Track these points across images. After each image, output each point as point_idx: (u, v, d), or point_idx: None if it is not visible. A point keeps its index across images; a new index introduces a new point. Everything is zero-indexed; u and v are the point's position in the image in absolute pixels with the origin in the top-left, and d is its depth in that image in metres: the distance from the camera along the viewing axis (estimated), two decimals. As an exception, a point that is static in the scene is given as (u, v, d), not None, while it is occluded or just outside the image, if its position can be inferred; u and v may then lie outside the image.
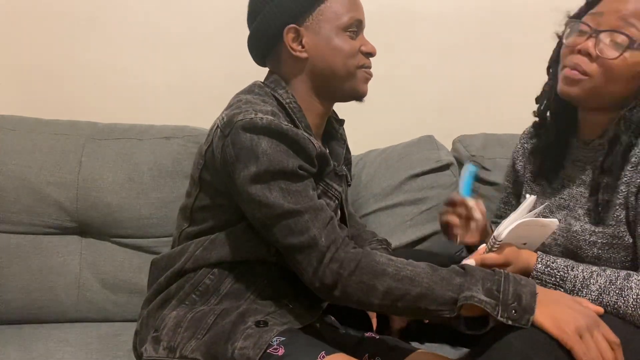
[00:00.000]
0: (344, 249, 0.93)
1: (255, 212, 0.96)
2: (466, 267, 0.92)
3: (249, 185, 0.95)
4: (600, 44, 0.96)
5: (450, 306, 0.89)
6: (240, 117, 0.96)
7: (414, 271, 0.91)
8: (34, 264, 1.43)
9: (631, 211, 0.99)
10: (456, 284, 0.89)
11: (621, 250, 1.01)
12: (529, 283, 0.90)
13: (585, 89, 0.99)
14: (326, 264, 0.92)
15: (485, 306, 0.87)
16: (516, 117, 1.32)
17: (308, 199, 0.95)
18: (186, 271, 1.06)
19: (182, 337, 0.98)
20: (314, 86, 1.07)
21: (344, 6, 1.03)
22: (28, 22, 1.63)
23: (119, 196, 1.45)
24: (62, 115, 1.55)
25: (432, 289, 0.89)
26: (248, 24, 1.09)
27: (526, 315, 0.86)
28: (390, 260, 0.93)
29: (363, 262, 0.92)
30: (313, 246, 0.93)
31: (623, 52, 0.94)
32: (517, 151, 1.25)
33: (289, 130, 0.96)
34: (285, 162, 0.95)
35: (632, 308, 0.92)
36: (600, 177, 1.01)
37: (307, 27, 1.03)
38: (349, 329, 1.17)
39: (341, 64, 1.04)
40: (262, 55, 1.10)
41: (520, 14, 1.71)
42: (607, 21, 0.96)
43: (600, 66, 0.96)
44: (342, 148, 1.19)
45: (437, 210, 1.55)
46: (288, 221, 0.94)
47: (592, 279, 0.95)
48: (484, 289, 0.88)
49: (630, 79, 0.97)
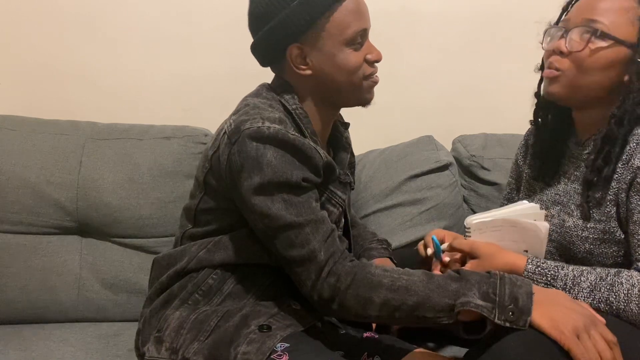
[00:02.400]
0: (342, 262, 0.94)
1: (258, 222, 0.97)
2: (461, 271, 0.93)
3: (252, 196, 0.95)
4: (571, 40, 1.02)
5: (448, 312, 0.89)
6: (247, 125, 0.96)
7: (410, 280, 0.91)
8: (34, 264, 1.43)
9: (622, 207, 1.00)
10: (452, 290, 0.89)
11: (613, 245, 1.02)
12: (525, 283, 0.90)
13: (564, 84, 1.04)
14: (324, 277, 0.93)
15: (482, 310, 0.87)
16: (516, 117, 1.32)
17: (310, 211, 0.96)
18: (189, 271, 1.06)
19: (185, 338, 0.99)
20: (320, 96, 1.07)
21: (347, 20, 1.01)
22: (28, 22, 1.62)
23: (119, 196, 1.45)
24: (62, 115, 1.55)
25: (428, 297, 0.89)
26: (251, 33, 1.07)
27: (523, 317, 0.86)
28: (385, 271, 0.93)
29: (359, 275, 0.92)
30: (312, 259, 0.93)
31: (588, 43, 1.00)
32: (520, 148, 1.28)
33: (296, 139, 0.97)
34: (289, 173, 0.95)
35: (623, 303, 0.92)
36: (592, 174, 1.03)
37: (311, 45, 1.02)
38: (348, 328, 1.17)
39: (346, 80, 1.04)
40: (267, 64, 1.10)
41: (520, 14, 1.71)
42: (575, 21, 1.03)
43: (572, 61, 1.02)
44: (347, 152, 1.19)
45: (436, 210, 1.56)
46: (289, 233, 0.94)
47: (583, 276, 0.96)
48: (479, 292, 0.88)
49: (603, 69, 1.01)
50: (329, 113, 1.10)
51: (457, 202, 1.60)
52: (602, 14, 1.00)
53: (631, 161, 0.99)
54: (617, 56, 1.00)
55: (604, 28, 0.99)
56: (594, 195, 1.03)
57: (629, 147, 1.00)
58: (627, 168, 0.99)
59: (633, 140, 1.00)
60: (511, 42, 1.74)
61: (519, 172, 1.28)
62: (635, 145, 0.99)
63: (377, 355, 1.09)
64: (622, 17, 1.00)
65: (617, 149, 1.01)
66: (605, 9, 1.00)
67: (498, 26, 1.75)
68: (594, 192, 1.03)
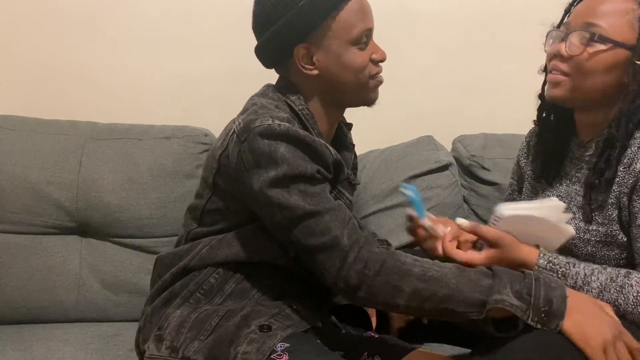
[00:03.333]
0: (368, 248, 0.93)
1: (275, 215, 0.96)
2: (493, 268, 0.92)
3: (268, 189, 0.94)
4: (571, 44, 1.02)
5: (479, 308, 0.88)
6: (257, 124, 0.96)
7: (441, 272, 0.91)
8: (34, 264, 1.42)
9: (624, 211, 1.00)
10: (485, 286, 0.88)
11: (615, 248, 1.02)
12: (559, 285, 0.89)
13: (567, 88, 1.04)
14: (350, 263, 0.91)
15: (515, 311, 0.86)
16: (516, 117, 1.32)
17: (327, 200, 0.96)
18: (191, 269, 1.06)
19: (185, 337, 0.98)
20: (326, 96, 1.08)
21: (352, 19, 1.02)
22: (28, 22, 1.62)
23: (119, 196, 1.45)
24: (62, 115, 1.55)
25: (459, 290, 0.88)
26: (255, 35, 1.08)
27: (556, 320, 0.86)
28: (416, 260, 0.92)
29: (388, 262, 0.91)
30: (335, 246, 0.92)
31: (586, 46, 1.00)
32: (522, 148, 1.28)
33: (307, 136, 0.97)
34: (304, 166, 0.95)
35: (632, 305, 0.92)
36: (593, 177, 1.03)
37: (317, 45, 1.02)
38: (349, 328, 1.18)
39: (353, 79, 1.05)
40: (272, 65, 1.10)
41: (520, 14, 1.71)
42: (575, 24, 1.03)
43: (573, 64, 1.03)
44: (351, 153, 1.19)
45: (436, 210, 1.55)
46: (309, 222, 0.93)
47: (594, 276, 0.96)
48: (513, 291, 0.88)
49: (603, 72, 1.01)
50: (334, 113, 1.11)
51: (457, 202, 1.60)
52: (601, 17, 1.00)
53: (633, 165, 0.98)
54: (616, 59, 1.00)
55: (602, 31, 1.00)
56: (596, 198, 1.03)
57: (631, 151, 1.00)
58: (629, 172, 0.99)
59: (635, 144, 1.00)
60: (511, 42, 1.74)
61: (520, 173, 1.28)
62: (637, 150, 0.99)
63: (377, 355, 1.09)
64: (622, 20, 1.00)
65: (617, 151, 1.00)
66: (605, 12, 1.01)
67: (498, 26, 1.75)
68: (595, 194, 1.03)
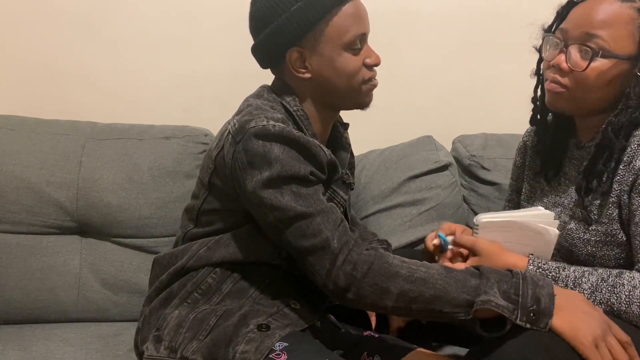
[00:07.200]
0: (357, 250, 0.93)
1: (267, 216, 0.96)
2: (481, 268, 0.92)
3: (261, 190, 0.95)
4: (571, 58, 1.00)
5: (466, 309, 0.88)
6: (252, 124, 0.97)
7: (428, 273, 0.91)
8: (34, 264, 1.43)
9: (624, 209, 1.00)
10: (472, 286, 0.89)
11: (615, 248, 1.02)
12: (547, 284, 0.89)
13: (568, 100, 1.03)
14: (339, 265, 0.92)
15: (502, 311, 0.87)
16: (516, 117, 1.32)
17: (319, 202, 0.96)
18: (189, 269, 1.06)
19: (184, 337, 0.99)
20: (319, 99, 1.08)
21: (346, 24, 1.01)
22: (28, 22, 1.62)
23: (119, 196, 1.45)
24: (62, 115, 1.56)
25: (446, 290, 0.89)
26: (252, 35, 1.08)
27: (545, 319, 0.86)
28: (403, 262, 0.93)
29: (376, 264, 0.92)
30: (325, 248, 0.93)
31: (590, 62, 0.98)
32: (519, 148, 1.28)
33: (301, 137, 0.97)
34: (297, 167, 0.95)
35: (625, 304, 0.92)
36: (588, 178, 1.03)
37: (310, 49, 1.02)
38: (348, 327, 1.18)
39: (345, 84, 1.05)
40: (267, 66, 1.11)
41: (519, 14, 1.71)
42: (573, 35, 1.01)
43: (574, 78, 1.01)
44: (347, 152, 1.19)
45: (436, 210, 1.56)
46: (300, 223, 0.94)
47: (584, 277, 0.96)
48: (500, 291, 0.88)
49: (607, 84, 1.00)
50: (328, 115, 1.11)
51: (457, 202, 1.60)
52: (602, 27, 0.98)
53: (632, 163, 0.99)
54: (619, 71, 0.99)
55: (604, 44, 0.97)
56: (593, 202, 1.03)
57: (630, 149, 1.00)
58: (629, 170, 0.99)
59: (634, 142, 1.00)
60: (511, 42, 1.73)
61: (518, 174, 1.28)
62: (637, 147, 0.99)
63: (377, 354, 1.09)
64: (623, 31, 0.97)
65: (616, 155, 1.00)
66: (605, 22, 0.98)
67: (498, 26, 1.75)
68: (592, 195, 1.03)
